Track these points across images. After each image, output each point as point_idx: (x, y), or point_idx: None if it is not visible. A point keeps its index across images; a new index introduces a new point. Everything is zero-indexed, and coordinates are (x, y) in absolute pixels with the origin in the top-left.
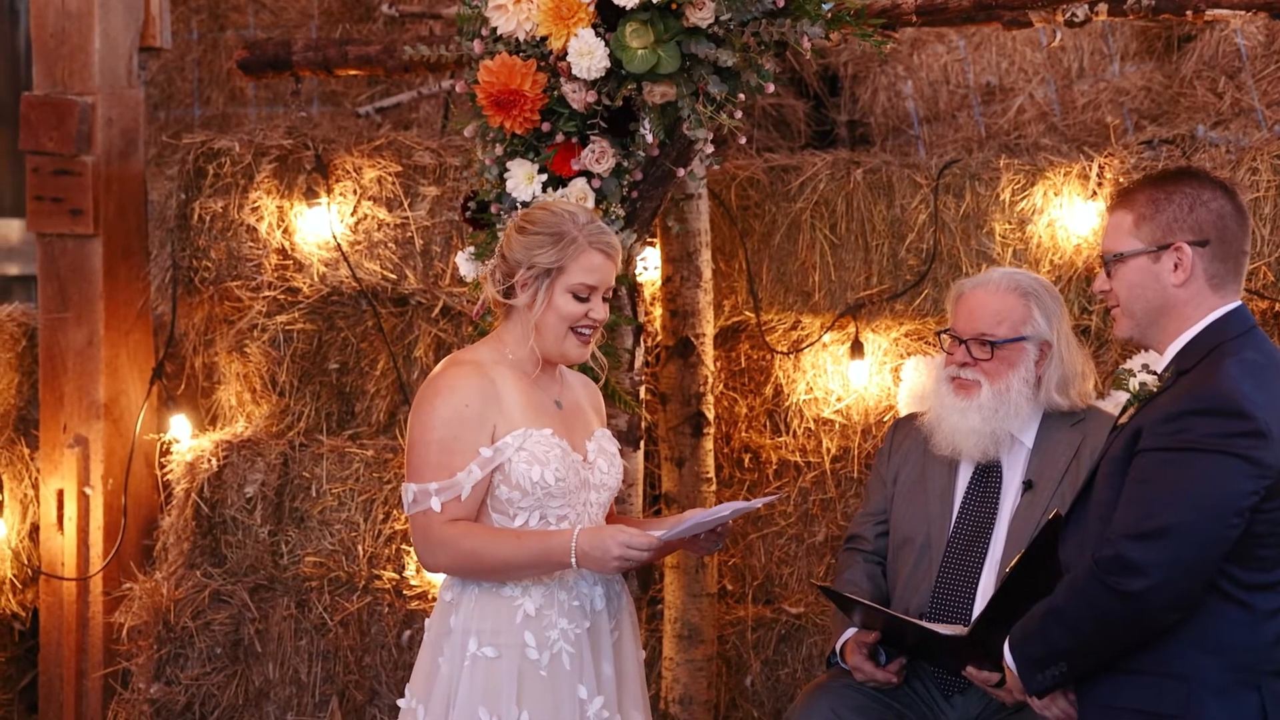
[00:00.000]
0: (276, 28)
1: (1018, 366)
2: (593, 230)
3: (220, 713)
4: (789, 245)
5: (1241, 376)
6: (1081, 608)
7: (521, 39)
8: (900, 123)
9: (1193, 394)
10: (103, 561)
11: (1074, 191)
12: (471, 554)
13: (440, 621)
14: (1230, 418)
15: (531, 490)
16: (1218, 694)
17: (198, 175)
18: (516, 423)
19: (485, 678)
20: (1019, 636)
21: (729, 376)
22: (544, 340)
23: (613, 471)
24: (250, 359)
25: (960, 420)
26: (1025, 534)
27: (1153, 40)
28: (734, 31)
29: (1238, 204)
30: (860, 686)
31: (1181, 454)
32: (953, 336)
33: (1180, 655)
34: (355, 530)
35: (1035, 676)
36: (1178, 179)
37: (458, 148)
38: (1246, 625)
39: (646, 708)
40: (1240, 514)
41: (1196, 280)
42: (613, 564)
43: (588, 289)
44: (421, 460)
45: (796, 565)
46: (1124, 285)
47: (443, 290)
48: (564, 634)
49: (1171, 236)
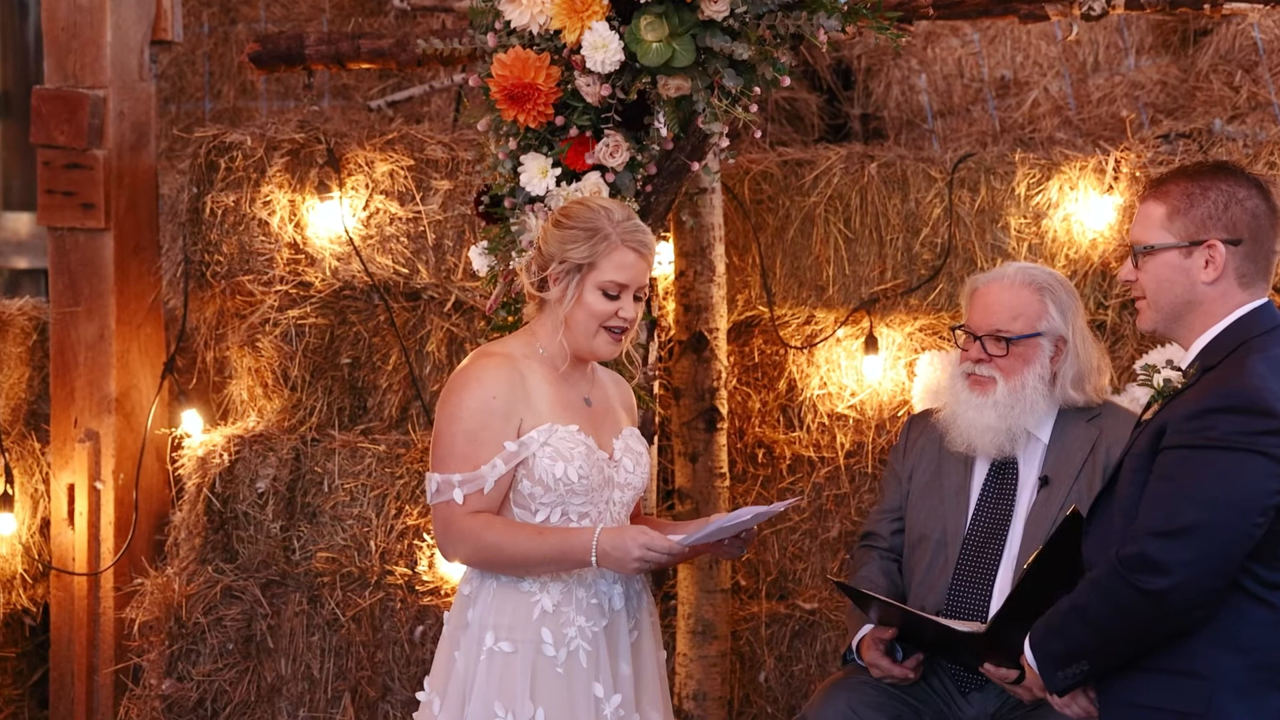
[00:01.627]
0: (288, 21)
1: (1033, 363)
2: (628, 228)
3: (232, 709)
4: (803, 239)
5: (1268, 373)
6: (1104, 606)
7: (535, 32)
8: (914, 116)
9: (1218, 391)
10: (114, 557)
11: (1089, 186)
12: (492, 547)
13: (458, 615)
14: (1256, 415)
15: (554, 486)
16: (1239, 693)
17: (209, 169)
18: (543, 417)
19: (501, 673)
20: (1040, 634)
21: (742, 371)
22: (573, 335)
23: (638, 471)
24: (262, 353)
25: (976, 417)
26: (1042, 530)
27: (1168, 34)
28: (749, 25)
29: (1272, 203)
30: (877, 683)
31: (1207, 451)
32: (967, 333)
33: (1202, 654)
34: (368, 525)
35: (1056, 675)
36: (1214, 174)
37: (470, 141)
38: (1270, 625)
39: (668, 709)
40: (1265, 512)
41: (1227, 278)
42: (632, 565)
43: (618, 287)
44: (447, 450)
45: (810, 561)
46: (1151, 278)
47: (455, 285)
48: (581, 631)
49: (1205, 233)
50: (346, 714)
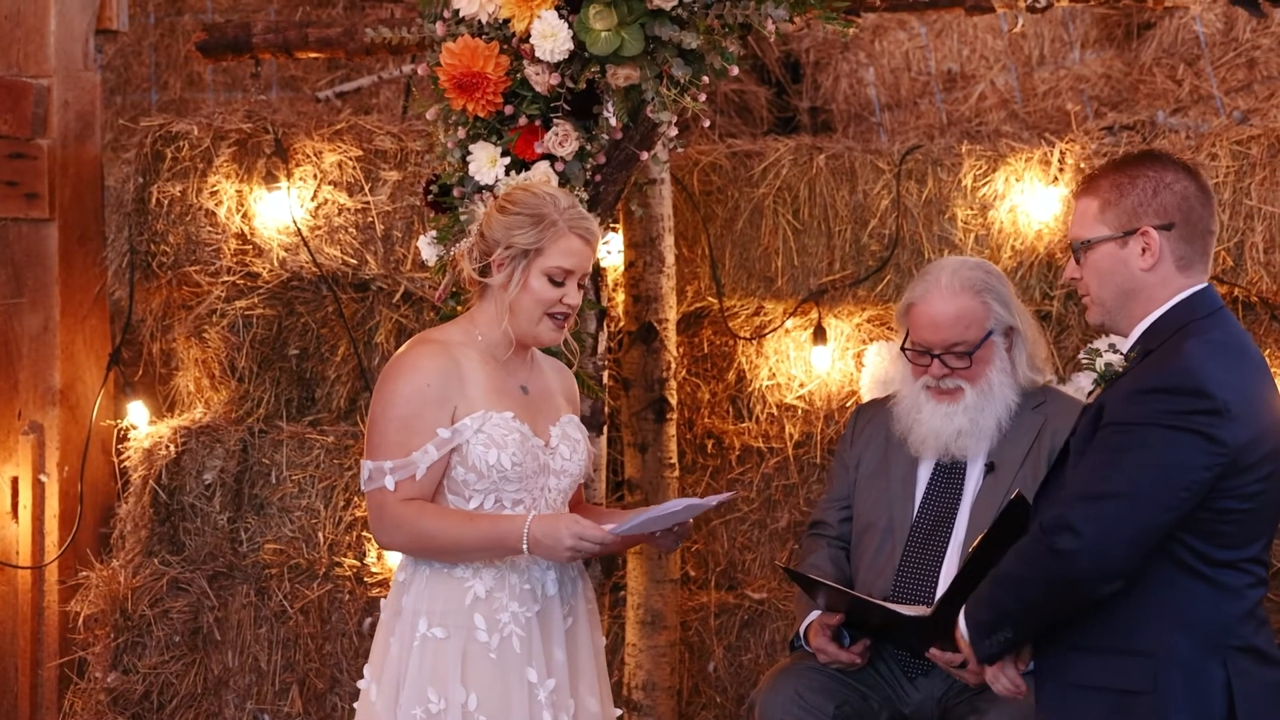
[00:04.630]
0: (235, 12)
1: (993, 361)
2: (574, 215)
3: (179, 701)
4: (752, 231)
5: (1205, 356)
6: (1024, 569)
7: (484, 21)
8: (862, 109)
9: (1156, 372)
10: (59, 550)
11: (1035, 177)
12: (425, 534)
13: (393, 601)
14: (1190, 395)
15: (487, 473)
16: (1183, 669)
17: (156, 159)
18: (477, 405)
19: (434, 659)
20: (971, 604)
21: (692, 362)
22: (517, 321)
23: (575, 458)
24: (209, 344)
25: (946, 424)
26: (988, 516)
27: (1113, 28)
28: (698, 14)
29: (1201, 184)
30: (824, 669)
31: (1141, 429)
32: (921, 350)
33: (1148, 632)
34: (315, 517)
35: (984, 642)
36: (1140, 163)
37: (419, 132)
38: (1213, 601)
39: (607, 695)
40: (1191, 489)
41: (1164, 263)
42: (565, 553)
43: (564, 273)
44: (380, 437)
45: (759, 551)
46: (1093, 272)
47: (404, 275)
48: (514, 617)
49: (1137, 221)
50: (294, 706)
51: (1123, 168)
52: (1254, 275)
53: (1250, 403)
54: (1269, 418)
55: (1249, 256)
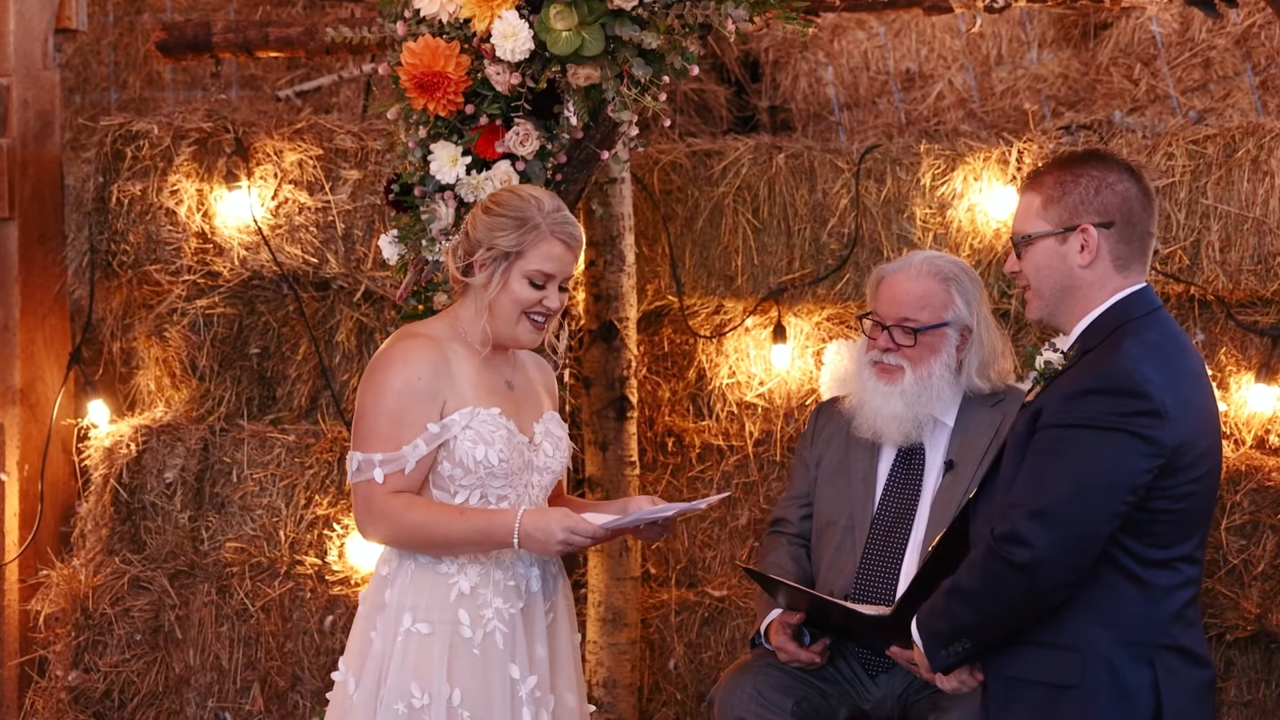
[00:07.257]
0: (194, 11)
1: (940, 352)
2: (558, 219)
3: (140, 700)
4: (711, 230)
5: (1142, 357)
6: (981, 583)
7: (445, 21)
8: (821, 109)
9: (1093, 373)
10: (19, 549)
11: (993, 176)
12: (413, 527)
13: (375, 595)
14: (1127, 396)
15: (474, 469)
16: (1110, 666)
17: (116, 158)
18: (466, 400)
19: (418, 653)
20: (925, 614)
21: (652, 361)
22: (496, 322)
23: (558, 455)
24: (169, 343)
25: (883, 404)
26: (947, 514)
27: (1070, 28)
28: (658, 14)
29: (1144, 186)
30: (784, 666)
31: (1080, 430)
32: (875, 321)
33: (1075, 628)
34: (277, 515)
35: (939, 653)
36: (1084, 161)
37: (379, 131)
38: (1141, 600)
39: (582, 690)
40: (1133, 490)
41: (1102, 261)
42: (555, 547)
43: (544, 276)
44: (370, 430)
45: (719, 549)
46: (1032, 266)
47: (365, 274)
48: (498, 613)
49: (1077, 218)
50: (256, 704)
51: (1067, 165)
52: (1210, 274)
53: (1186, 404)
54: (1203, 419)
55: (1205, 255)
